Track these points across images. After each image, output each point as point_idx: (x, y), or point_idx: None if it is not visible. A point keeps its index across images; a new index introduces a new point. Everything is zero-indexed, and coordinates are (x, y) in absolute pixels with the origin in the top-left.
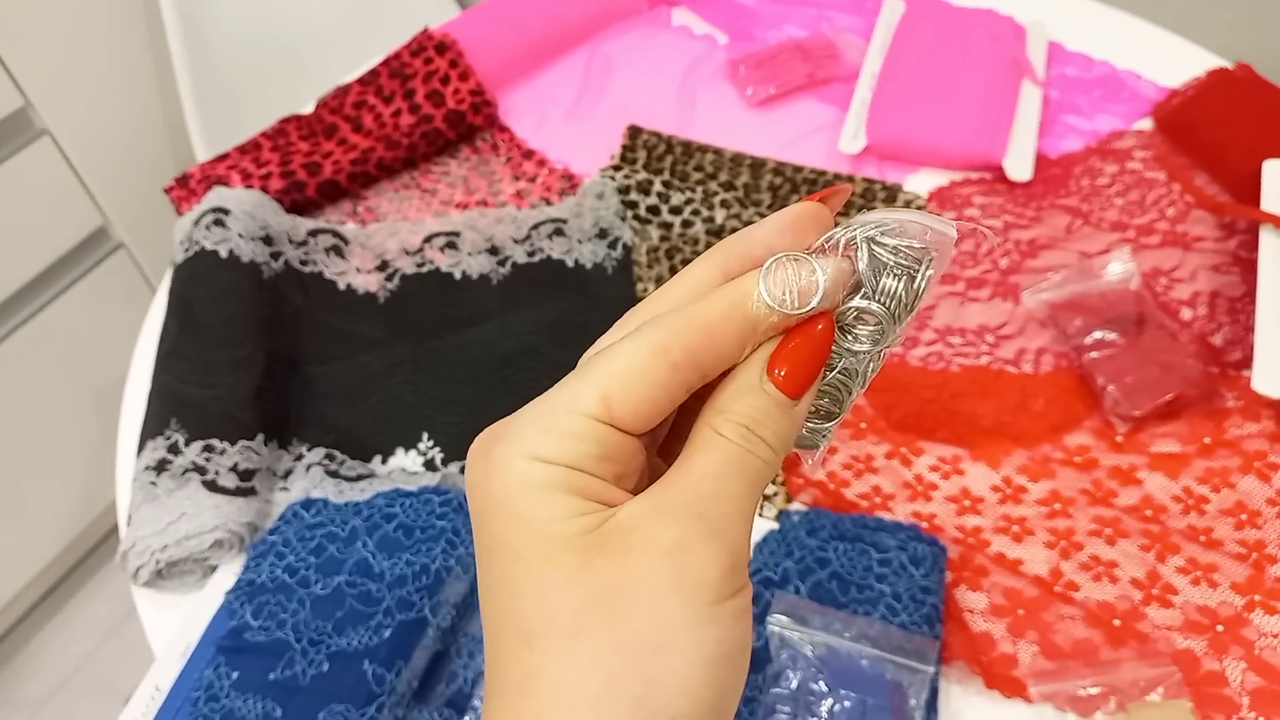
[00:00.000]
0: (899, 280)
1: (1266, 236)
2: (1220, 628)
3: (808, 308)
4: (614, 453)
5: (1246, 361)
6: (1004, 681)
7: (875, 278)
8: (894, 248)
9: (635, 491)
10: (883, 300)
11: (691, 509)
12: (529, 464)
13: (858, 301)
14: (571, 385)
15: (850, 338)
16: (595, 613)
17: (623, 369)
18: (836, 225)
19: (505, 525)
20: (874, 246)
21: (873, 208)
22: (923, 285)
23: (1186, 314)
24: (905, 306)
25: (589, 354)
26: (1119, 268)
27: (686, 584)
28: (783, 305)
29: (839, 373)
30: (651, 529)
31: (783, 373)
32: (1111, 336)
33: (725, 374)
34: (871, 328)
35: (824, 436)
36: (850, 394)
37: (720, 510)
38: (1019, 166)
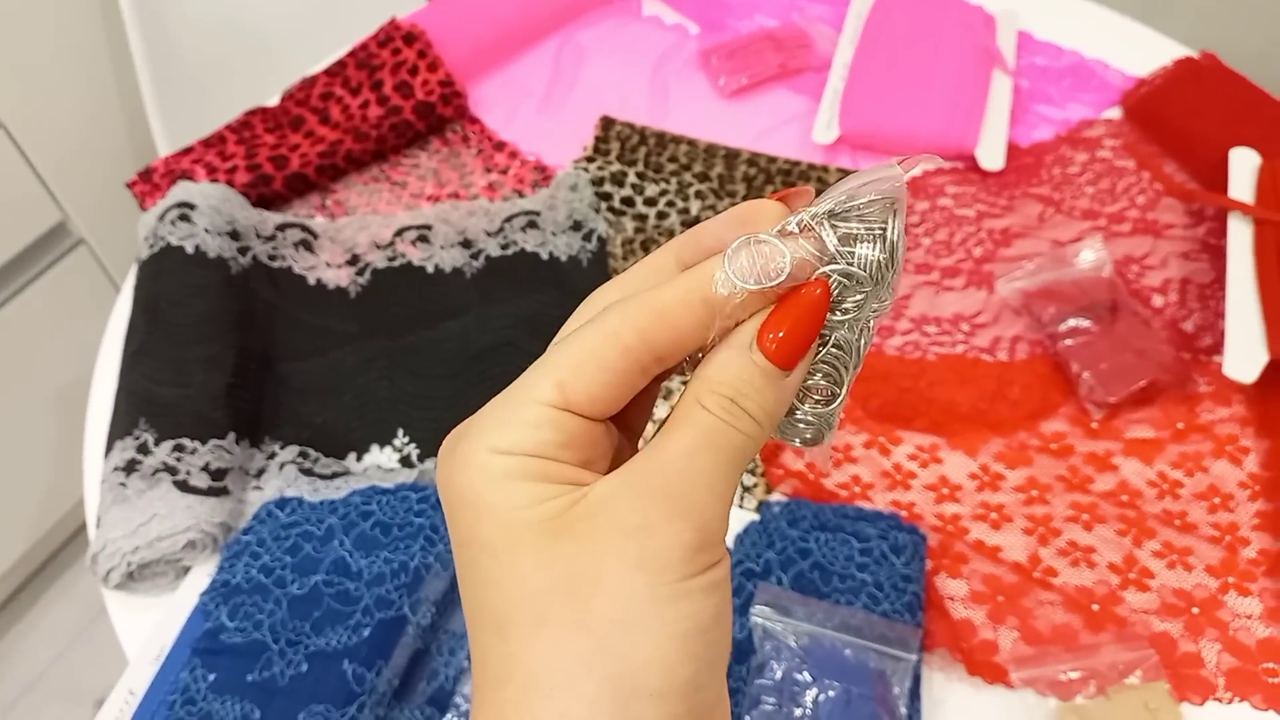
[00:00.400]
0: (872, 245)
1: (1234, 223)
2: (1196, 610)
3: (774, 282)
4: (577, 438)
5: (1217, 347)
6: (985, 668)
7: (851, 250)
8: (855, 214)
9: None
10: (863, 267)
11: (658, 487)
12: (490, 456)
13: (838, 265)
14: (530, 375)
15: (836, 310)
16: (561, 595)
17: (577, 355)
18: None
19: (474, 518)
20: (834, 222)
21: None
22: (896, 238)
23: (1158, 301)
24: (888, 265)
25: (554, 344)
26: (1091, 255)
27: (650, 564)
28: (747, 281)
29: (832, 346)
30: (617, 508)
31: (775, 338)
32: (1085, 324)
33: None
34: (857, 296)
35: (829, 425)
36: (847, 370)
37: (689, 487)
38: (991, 155)
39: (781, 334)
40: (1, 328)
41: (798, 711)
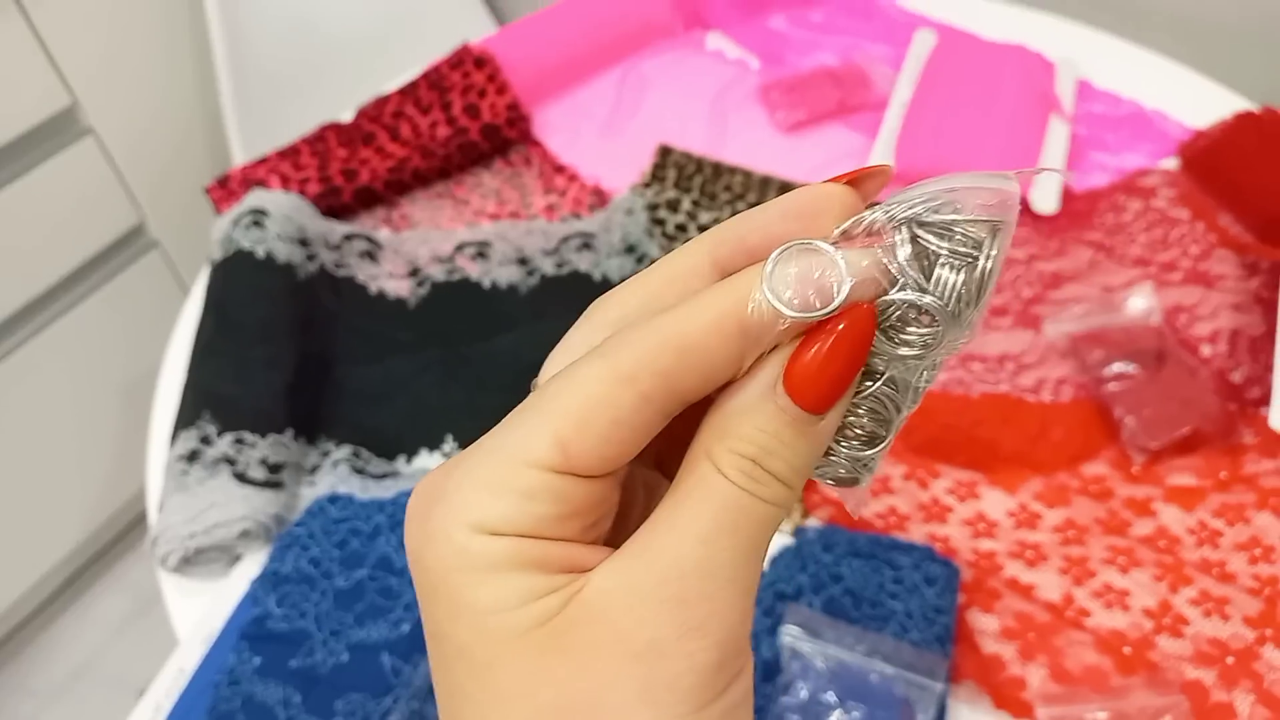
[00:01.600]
0: (958, 272)
1: None
2: (1231, 659)
3: (826, 310)
4: (578, 506)
5: (1265, 399)
6: (1012, 703)
7: (925, 270)
8: (944, 229)
9: (613, 537)
10: (938, 294)
11: (671, 592)
12: (470, 537)
13: (906, 294)
14: (521, 425)
15: (896, 341)
16: None
17: (581, 405)
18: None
19: (448, 615)
20: (917, 230)
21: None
22: (990, 266)
23: (1206, 350)
24: (970, 299)
25: (547, 366)
26: (1141, 302)
27: (659, 695)
28: (792, 307)
29: (884, 384)
30: (620, 619)
31: (805, 376)
32: (1131, 369)
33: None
34: (925, 330)
35: (867, 468)
36: (899, 412)
37: (708, 587)
38: (1045, 199)
39: (813, 371)
40: (76, 323)
41: None
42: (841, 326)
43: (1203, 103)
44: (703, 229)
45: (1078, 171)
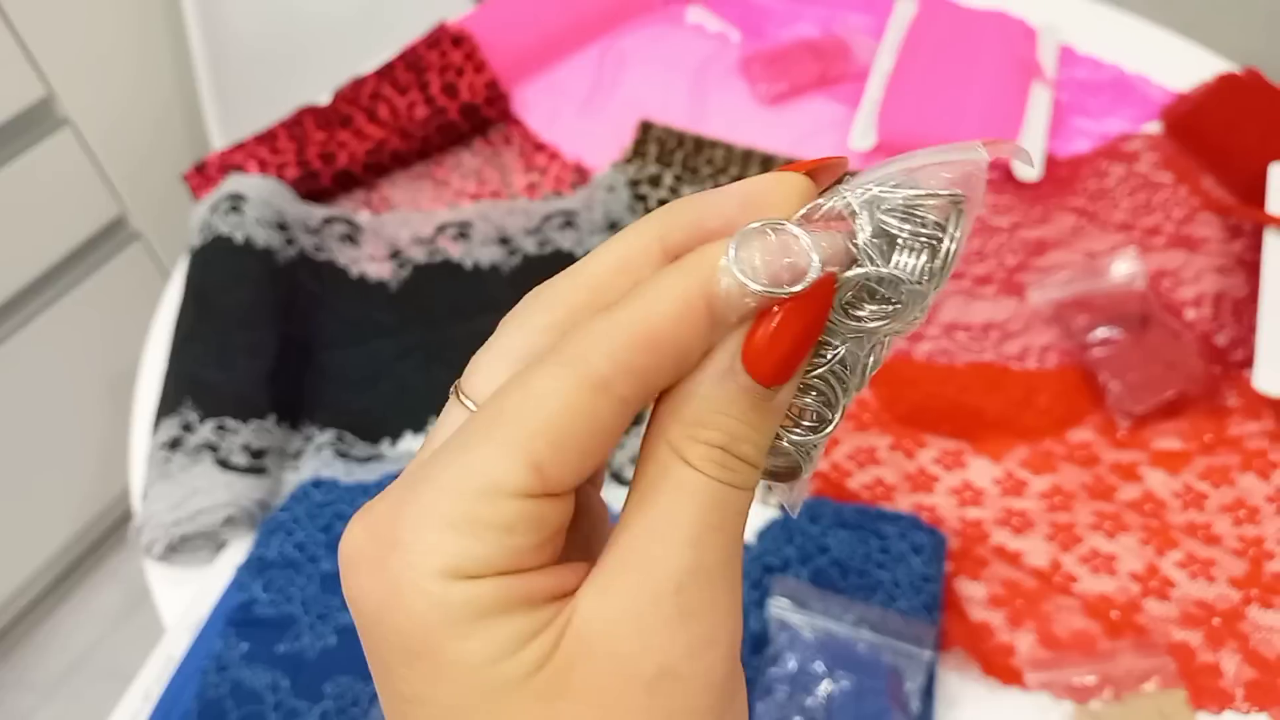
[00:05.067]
0: (918, 253)
1: (1271, 239)
2: (1217, 621)
3: (796, 288)
4: (555, 528)
5: (1249, 361)
6: (1001, 669)
7: (885, 252)
8: (905, 212)
9: (572, 541)
10: (901, 274)
11: (672, 608)
12: (447, 587)
13: (867, 270)
14: (479, 449)
15: (853, 317)
16: None
17: (554, 421)
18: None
19: (430, 680)
20: (878, 213)
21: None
22: (954, 248)
23: (1191, 314)
24: (933, 279)
25: (474, 370)
26: (1124, 267)
27: None
28: (762, 284)
29: (836, 362)
30: (626, 649)
31: (763, 346)
32: (1115, 334)
33: None
34: (883, 307)
35: (809, 458)
36: (845, 393)
37: (710, 598)
38: (1027, 166)
39: (773, 342)
40: (57, 319)
41: (809, 701)
42: (801, 294)
43: (1185, 66)
44: None
45: (1060, 139)
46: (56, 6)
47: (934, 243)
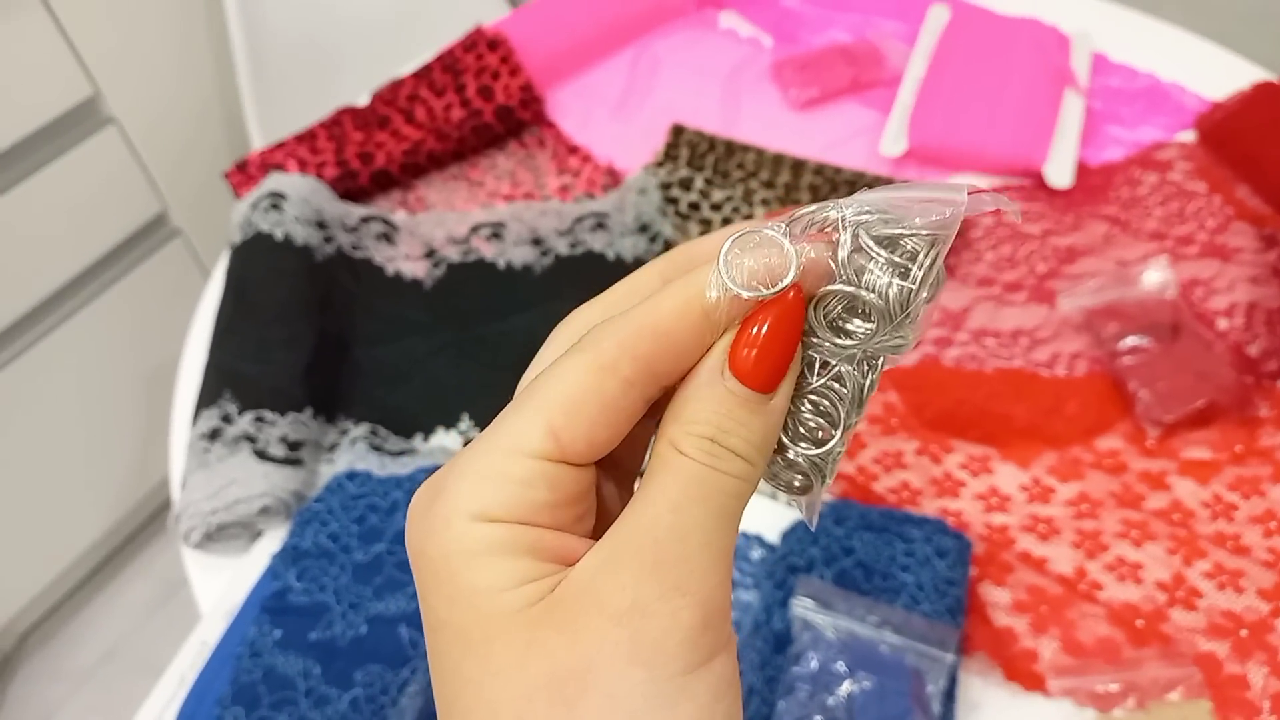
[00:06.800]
0: (889, 276)
1: None
2: (1244, 632)
3: (776, 288)
4: (570, 494)
5: None
6: (1024, 674)
7: (859, 271)
8: (885, 238)
9: (596, 530)
10: (878, 296)
11: (648, 556)
12: (471, 525)
13: (844, 287)
14: (513, 420)
15: (837, 332)
16: (544, 700)
17: (568, 394)
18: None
19: (448, 602)
20: (860, 234)
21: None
22: (920, 275)
23: (1223, 324)
24: (902, 302)
25: (528, 375)
26: (1156, 276)
27: (646, 655)
28: (741, 285)
29: (830, 379)
30: (604, 588)
31: (749, 355)
32: (1146, 343)
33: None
34: (863, 324)
35: (822, 474)
36: (844, 408)
37: (682, 549)
38: (1059, 173)
39: (755, 350)
40: (99, 313)
41: (830, 701)
42: (787, 296)
43: (1219, 74)
44: (715, 207)
45: (1092, 147)
46: (104, 8)
47: (904, 271)
